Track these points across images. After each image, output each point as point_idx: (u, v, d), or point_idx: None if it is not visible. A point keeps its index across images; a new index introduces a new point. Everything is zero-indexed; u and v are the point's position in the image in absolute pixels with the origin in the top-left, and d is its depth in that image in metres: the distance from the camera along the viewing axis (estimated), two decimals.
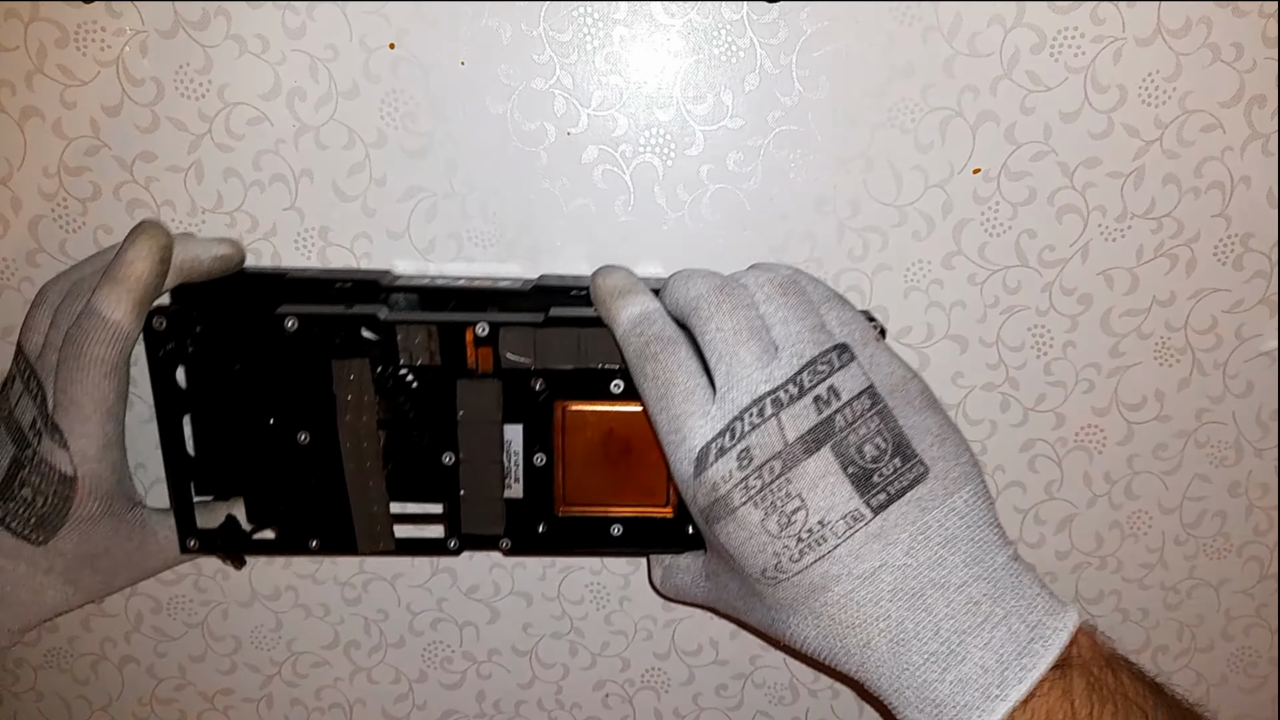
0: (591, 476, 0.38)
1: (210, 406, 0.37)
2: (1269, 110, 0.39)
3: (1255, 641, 0.48)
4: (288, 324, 0.36)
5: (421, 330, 0.36)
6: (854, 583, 0.30)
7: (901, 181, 0.40)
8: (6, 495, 0.35)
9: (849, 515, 0.30)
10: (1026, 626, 0.29)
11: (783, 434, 0.30)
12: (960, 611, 0.29)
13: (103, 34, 0.38)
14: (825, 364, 0.31)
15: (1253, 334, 0.43)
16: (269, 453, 0.37)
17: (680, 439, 0.31)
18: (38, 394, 0.35)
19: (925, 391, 0.33)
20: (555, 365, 0.36)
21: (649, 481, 0.38)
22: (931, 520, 0.30)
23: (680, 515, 0.38)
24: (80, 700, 0.49)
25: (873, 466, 0.30)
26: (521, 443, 0.37)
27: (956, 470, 0.31)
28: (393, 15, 0.38)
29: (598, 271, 0.36)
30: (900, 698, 0.30)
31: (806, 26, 0.38)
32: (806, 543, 0.30)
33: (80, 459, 0.35)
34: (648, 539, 0.39)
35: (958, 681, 0.29)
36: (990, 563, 0.30)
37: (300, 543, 0.39)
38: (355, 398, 0.36)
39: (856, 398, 0.31)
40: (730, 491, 0.30)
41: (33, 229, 0.41)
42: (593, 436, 0.37)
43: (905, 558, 0.30)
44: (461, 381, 0.36)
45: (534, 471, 0.38)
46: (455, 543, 0.39)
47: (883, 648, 0.30)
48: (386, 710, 0.49)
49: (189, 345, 0.36)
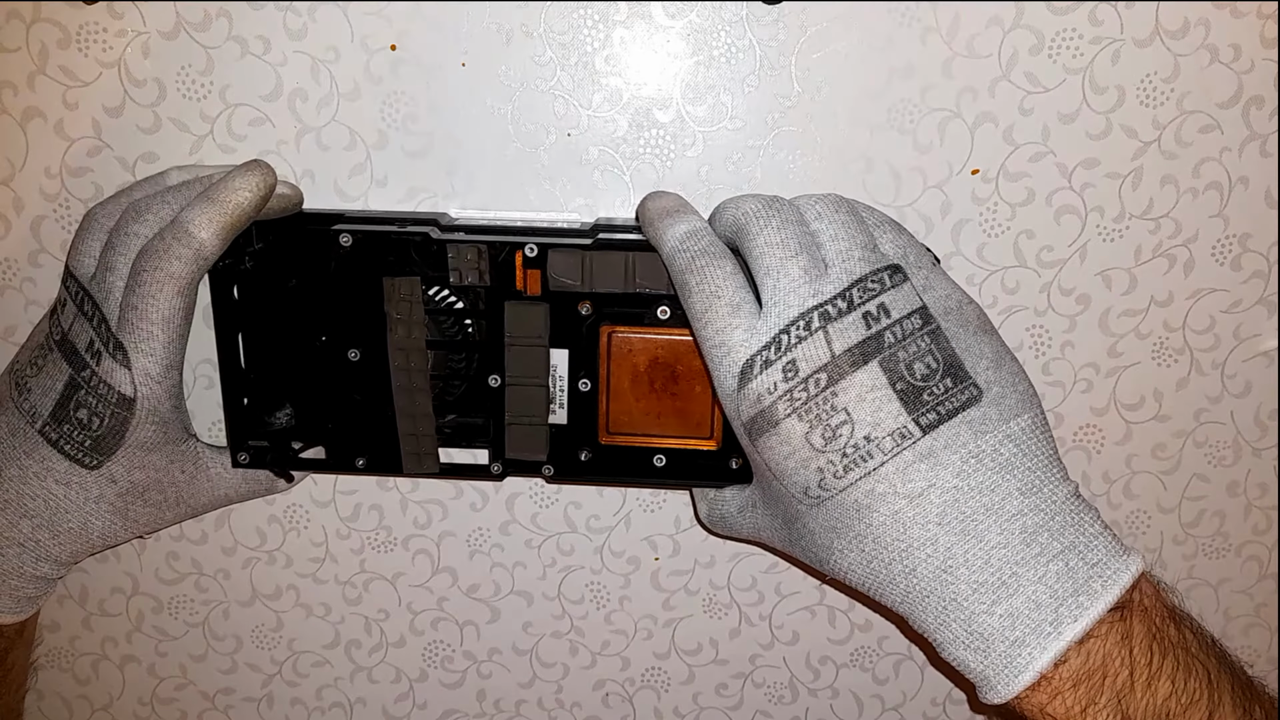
0: (636, 405, 0.38)
1: (264, 323, 0.38)
2: (1267, 111, 0.39)
3: (1254, 641, 0.48)
4: (342, 240, 0.36)
5: (472, 249, 0.36)
6: (900, 503, 0.29)
7: (900, 182, 0.40)
8: (61, 417, 0.35)
9: (896, 432, 0.29)
10: (1086, 564, 0.28)
11: (830, 347, 0.29)
12: (1014, 541, 0.28)
13: (104, 35, 0.38)
14: (876, 282, 0.30)
15: (1251, 334, 0.43)
16: (320, 370, 0.38)
17: (725, 351, 0.31)
18: (94, 315, 0.35)
19: (982, 316, 0.32)
20: (603, 289, 0.36)
21: (695, 412, 0.38)
22: (985, 445, 0.29)
23: (725, 448, 0.38)
24: (81, 700, 0.49)
25: (922, 384, 0.29)
26: (567, 367, 0.37)
27: (1013, 396, 0.30)
28: (394, 16, 0.38)
29: (647, 195, 0.36)
30: (945, 632, 0.29)
31: (806, 27, 0.38)
32: (851, 458, 0.29)
33: (142, 378, 0.34)
34: (691, 471, 0.39)
35: (1008, 615, 0.28)
36: (1049, 495, 0.29)
37: (347, 461, 0.39)
38: (405, 315, 0.37)
39: (907, 316, 0.30)
40: (775, 403, 0.30)
41: (35, 229, 0.41)
42: (638, 364, 0.37)
43: (956, 480, 0.29)
44: (509, 304, 0.37)
45: (579, 397, 0.38)
46: (499, 467, 0.39)
47: (928, 576, 0.29)
48: (387, 709, 0.49)
49: (246, 261, 0.37)
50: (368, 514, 0.45)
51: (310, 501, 0.45)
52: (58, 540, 0.37)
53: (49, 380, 0.35)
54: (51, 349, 0.36)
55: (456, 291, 0.37)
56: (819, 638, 0.47)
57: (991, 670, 0.28)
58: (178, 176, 0.37)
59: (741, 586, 0.46)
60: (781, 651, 0.48)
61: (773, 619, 0.47)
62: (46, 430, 0.35)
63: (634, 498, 0.45)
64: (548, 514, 0.45)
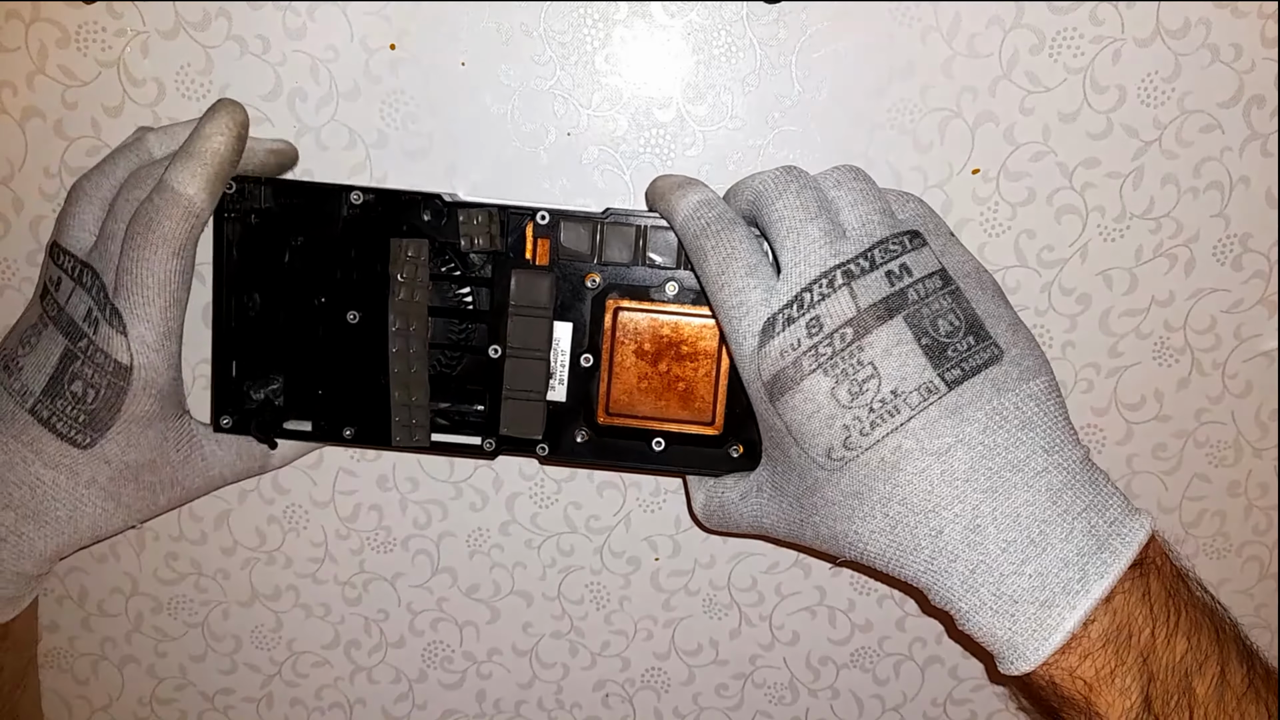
0: (638, 383, 0.37)
1: (265, 281, 0.37)
2: (1268, 110, 0.39)
3: (1255, 642, 0.48)
4: (353, 198, 0.36)
5: (483, 213, 0.36)
6: (927, 460, 0.28)
7: (901, 182, 0.40)
8: (55, 392, 0.34)
9: (923, 386, 0.29)
10: (1105, 522, 0.28)
11: (855, 301, 0.29)
12: (1040, 498, 0.28)
13: (104, 35, 0.38)
14: (897, 244, 0.30)
15: (1252, 334, 0.43)
16: (316, 332, 0.37)
17: (744, 312, 0.30)
18: (94, 285, 0.34)
19: (997, 286, 0.32)
20: (612, 260, 0.36)
21: (698, 394, 0.37)
22: (1008, 402, 0.29)
23: (726, 433, 0.37)
24: (80, 700, 0.49)
25: (947, 340, 0.29)
26: (570, 342, 0.37)
27: (1031, 359, 0.30)
28: (393, 16, 0.38)
29: (657, 177, 0.36)
30: (973, 598, 0.28)
31: (806, 26, 0.38)
32: (879, 413, 0.29)
33: (139, 345, 0.33)
34: (690, 457, 0.38)
35: (1038, 574, 0.27)
36: (1068, 454, 0.29)
37: (335, 431, 0.38)
38: (409, 277, 0.36)
39: (928, 276, 0.30)
40: (799, 359, 0.29)
41: (34, 229, 0.41)
42: (643, 342, 0.37)
43: (982, 435, 0.28)
44: (517, 272, 0.36)
45: (579, 373, 0.37)
46: (491, 444, 0.38)
47: (956, 536, 0.28)
48: (386, 710, 0.49)
49: (251, 216, 0.36)
50: (367, 514, 0.45)
51: (310, 502, 0.45)
52: (43, 532, 0.35)
53: (42, 356, 0.34)
54: (46, 325, 0.35)
55: (464, 261, 0.37)
56: (819, 638, 0.47)
57: (1020, 635, 0.28)
58: (156, 140, 0.36)
59: (742, 587, 0.46)
60: (782, 652, 0.48)
61: (773, 619, 0.47)
62: (38, 408, 0.34)
63: (634, 498, 0.45)
64: (547, 514, 0.45)
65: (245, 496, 0.45)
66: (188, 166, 0.33)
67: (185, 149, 0.34)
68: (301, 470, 0.44)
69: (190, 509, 0.45)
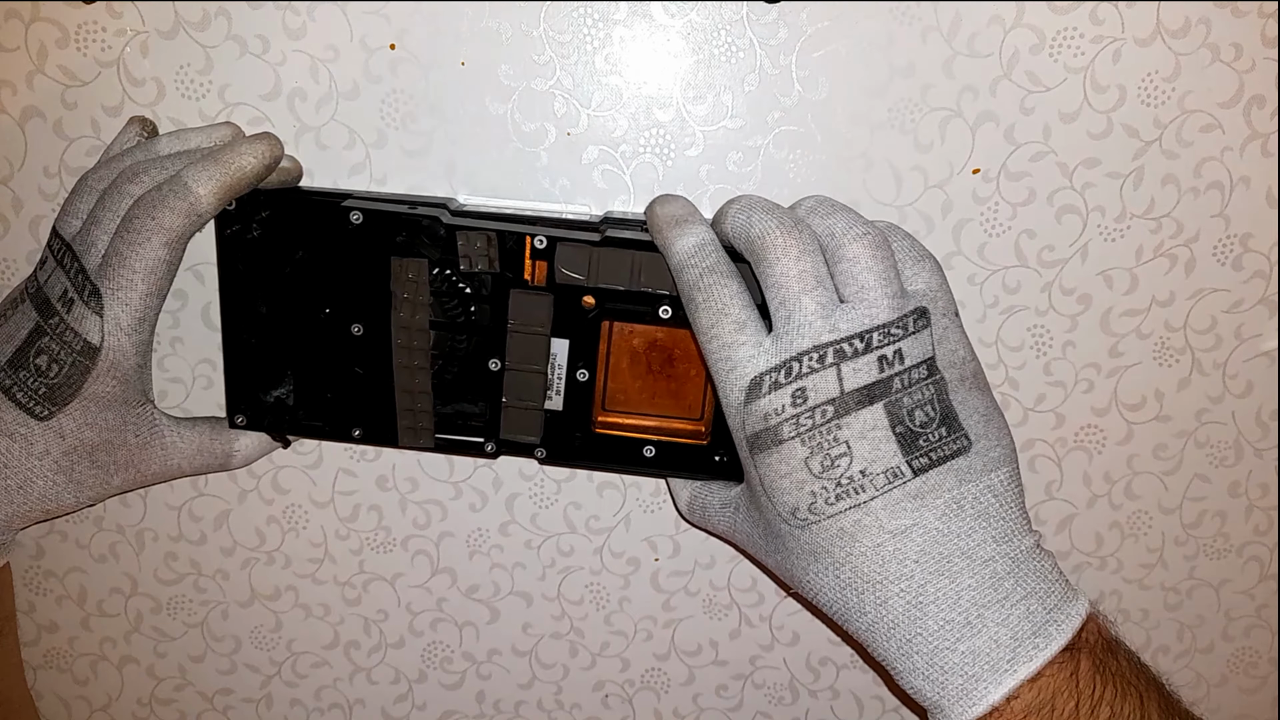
0: (632, 384, 0.39)
1: (268, 292, 0.38)
2: (1268, 110, 0.39)
3: (1255, 642, 0.48)
4: (353, 217, 0.36)
5: (482, 237, 0.36)
6: (883, 537, 0.30)
7: (901, 182, 0.40)
8: (19, 364, 0.35)
9: (890, 471, 0.30)
10: (1044, 609, 0.30)
11: (840, 383, 0.30)
12: (984, 584, 0.30)
13: (103, 34, 0.38)
14: (900, 327, 0.31)
15: (1252, 334, 0.43)
16: (322, 341, 0.38)
17: (730, 366, 0.31)
18: (72, 267, 0.35)
19: (980, 374, 0.33)
20: (608, 285, 0.36)
21: (688, 394, 0.39)
22: (967, 492, 0.30)
23: (714, 442, 0.39)
24: (80, 700, 0.49)
25: (920, 430, 0.30)
26: (567, 357, 0.38)
27: (997, 450, 0.31)
28: (393, 16, 0.38)
29: (655, 199, 0.36)
30: (907, 663, 0.30)
31: (806, 26, 0.38)
32: (845, 488, 0.30)
33: (112, 326, 0.34)
34: (679, 463, 0.39)
35: (970, 653, 0.29)
36: (1017, 544, 0.31)
37: (344, 431, 0.40)
38: (411, 296, 0.37)
39: (917, 365, 0.31)
40: (780, 424, 0.31)
41: (33, 229, 0.41)
42: (637, 346, 0.38)
43: (938, 522, 0.30)
44: (515, 292, 0.37)
45: (575, 386, 0.38)
46: (492, 446, 0.39)
47: (899, 609, 0.30)
48: (386, 710, 0.49)
49: (255, 230, 0.37)
50: (367, 514, 0.45)
51: (309, 502, 0.45)
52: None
53: (13, 328, 0.35)
54: (23, 300, 0.36)
55: (463, 277, 0.37)
56: (819, 639, 0.47)
57: (947, 700, 0.30)
58: (168, 144, 0.37)
59: (741, 587, 0.46)
60: (781, 653, 0.48)
61: (773, 620, 0.47)
62: (0, 377, 0.35)
63: (634, 498, 0.45)
64: (547, 514, 0.45)
65: (245, 497, 0.45)
66: (208, 169, 0.34)
67: (213, 155, 0.35)
68: (301, 470, 0.44)
69: (190, 509, 0.45)
